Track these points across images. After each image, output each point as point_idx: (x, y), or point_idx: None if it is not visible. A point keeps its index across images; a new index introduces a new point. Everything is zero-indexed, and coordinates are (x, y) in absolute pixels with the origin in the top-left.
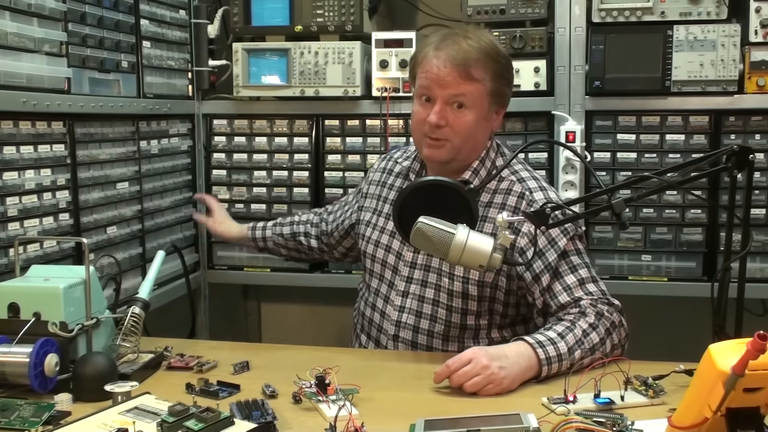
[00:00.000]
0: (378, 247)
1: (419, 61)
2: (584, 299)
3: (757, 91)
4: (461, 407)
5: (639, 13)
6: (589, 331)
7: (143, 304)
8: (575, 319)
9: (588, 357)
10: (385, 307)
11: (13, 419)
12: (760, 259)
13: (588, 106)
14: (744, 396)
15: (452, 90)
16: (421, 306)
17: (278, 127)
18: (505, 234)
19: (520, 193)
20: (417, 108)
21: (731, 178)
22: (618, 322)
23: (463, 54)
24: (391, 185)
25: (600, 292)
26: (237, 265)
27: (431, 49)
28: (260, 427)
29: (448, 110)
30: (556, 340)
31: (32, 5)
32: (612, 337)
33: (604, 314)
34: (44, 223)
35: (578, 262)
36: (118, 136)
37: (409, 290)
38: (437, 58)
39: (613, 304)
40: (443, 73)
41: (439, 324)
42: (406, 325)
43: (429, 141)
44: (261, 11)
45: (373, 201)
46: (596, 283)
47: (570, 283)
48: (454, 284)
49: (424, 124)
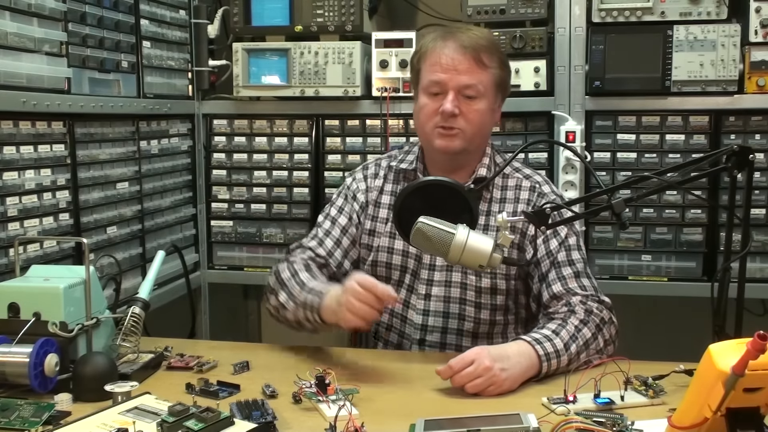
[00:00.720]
0: (393, 254)
1: (424, 55)
2: (574, 298)
3: (757, 91)
4: (461, 407)
5: (639, 13)
6: (580, 327)
7: (143, 304)
8: (566, 316)
9: (583, 352)
10: (407, 312)
11: (13, 419)
12: (760, 259)
13: (588, 106)
14: (744, 396)
15: (465, 78)
16: (447, 306)
17: (278, 127)
18: (505, 234)
19: (531, 186)
20: (425, 101)
21: (731, 178)
22: (608, 319)
23: (473, 41)
24: (393, 192)
25: (592, 288)
26: (237, 265)
27: (436, 42)
28: (260, 427)
29: (461, 100)
30: (552, 337)
31: (32, 5)
32: (603, 333)
33: (593, 311)
34: (44, 223)
35: (577, 257)
36: (118, 136)
37: (432, 292)
38: (447, 48)
39: (603, 302)
40: (457, 61)
41: (468, 322)
42: (433, 328)
43: (441, 131)
44: (261, 11)
45: (378, 209)
46: (590, 279)
47: (566, 274)
48: (482, 280)
49: (436, 115)
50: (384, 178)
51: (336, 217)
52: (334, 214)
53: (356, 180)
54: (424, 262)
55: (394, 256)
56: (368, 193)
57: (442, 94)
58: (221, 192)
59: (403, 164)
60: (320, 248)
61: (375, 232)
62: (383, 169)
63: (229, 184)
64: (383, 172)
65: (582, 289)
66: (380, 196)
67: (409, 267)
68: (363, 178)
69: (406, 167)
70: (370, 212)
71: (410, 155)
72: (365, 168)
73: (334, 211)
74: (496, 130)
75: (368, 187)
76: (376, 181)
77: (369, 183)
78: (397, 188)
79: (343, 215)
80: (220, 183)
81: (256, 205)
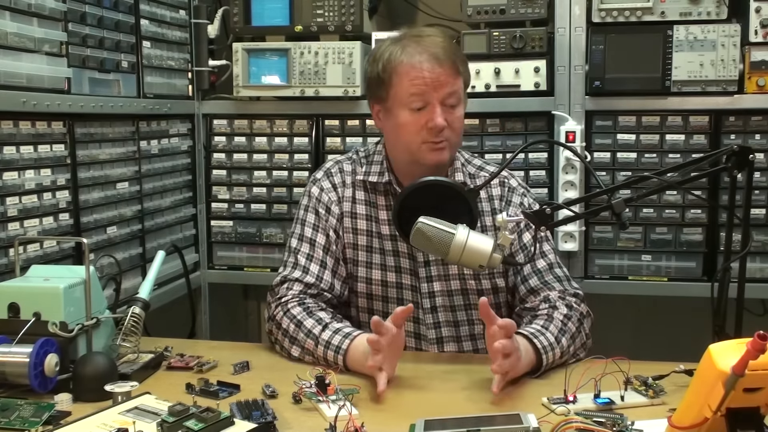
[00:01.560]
0: (387, 271)
1: (397, 69)
2: (552, 293)
3: (757, 91)
4: (461, 407)
5: (639, 13)
6: (565, 321)
7: (143, 304)
8: (550, 312)
9: (572, 345)
10: (419, 329)
11: (13, 419)
12: (760, 259)
13: (588, 106)
14: (744, 396)
15: (448, 88)
16: (455, 315)
17: (278, 127)
18: (504, 234)
19: (500, 182)
20: (407, 119)
21: (731, 178)
22: (586, 313)
23: (443, 50)
24: (368, 201)
25: (565, 278)
26: (237, 265)
27: (408, 55)
28: (260, 427)
29: (445, 110)
30: (543, 331)
31: (32, 5)
32: (584, 327)
33: (573, 306)
34: (44, 223)
35: (548, 248)
36: (118, 136)
37: (437, 304)
38: (424, 61)
39: (578, 294)
40: (436, 74)
41: (478, 325)
42: (447, 338)
43: (433, 146)
44: (261, 11)
45: (355, 221)
46: (561, 268)
47: (540, 267)
48: (482, 283)
49: (422, 130)
50: (353, 186)
51: (313, 237)
52: (310, 234)
53: (325, 191)
54: (421, 275)
55: (389, 273)
56: (342, 203)
57: (424, 107)
58: (221, 192)
59: (372, 177)
60: (307, 277)
61: (357, 245)
62: (348, 175)
63: (229, 184)
64: (350, 179)
65: (557, 281)
66: (354, 206)
67: (404, 283)
68: (332, 188)
69: (377, 180)
70: (348, 224)
71: (375, 165)
72: (329, 175)
73: (309, 230)
74: (496, 130)
75: (340, 198)
76: (346, 190)
77: (339, 193)
78: (369, 198)
79: (320, 233)
80: (220, 183)
81: (256, 205)
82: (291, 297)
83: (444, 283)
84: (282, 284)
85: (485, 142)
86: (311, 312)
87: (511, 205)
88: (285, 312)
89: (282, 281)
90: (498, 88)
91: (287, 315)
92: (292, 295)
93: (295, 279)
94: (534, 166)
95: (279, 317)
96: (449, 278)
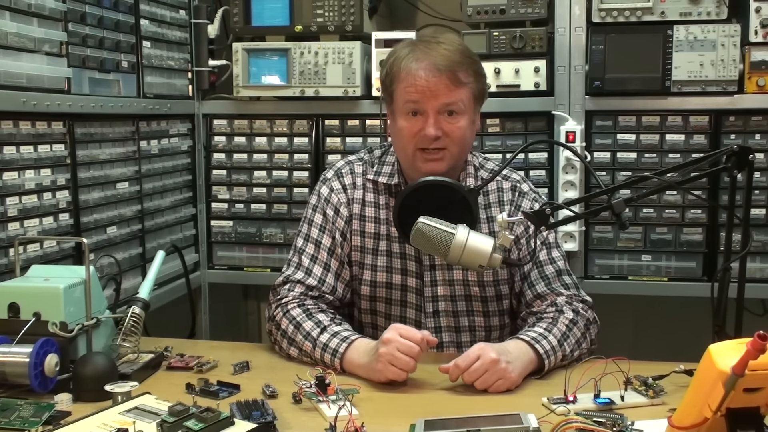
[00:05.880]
0: (393, 273)
1: (397, 77)
2: (559, 298)
3: (757, 91)
4: (461, 407)
5: (639, 13)
6: (571, 326)
7: (143, 304)
8: (556, 316)
9: (576, 350)
10: None
11: (13, 419)
12: (760, 259)
13: (588, 106)
14: (744, 396)
15: (444, 99)
16: (457, 320)
17: (278, 127)
18: (505, 234)
19: (511, 186)
20: (403, 124)
21: (731, 178)
22: (592, 319)
23: (447, 59)
24: (377, 203)
25: (574, 286)
26: (237, 265)
27: (408, 61)
28: (260, 427)
29: (441, 119)
30: (546, 335)
31: (32, 5)
32: (590, 332)
33: (580, 311)
34: (44, 223)
35: (557, 255)
36: (118, 136)
37: (439, 308)
38: (421, 69)
39: (586, 301)
40: (432, 83)
41: (479, 332)
42: (448, 343)
43: (427, 155)
44: (261, 11)
45: (364, 223)
46: (570, 276)
47: (548, 273)
48: (486, 290)
49: (416, 138)
50: (363, 188)
51: (319, 239)
52: (316, 235)
53: (335, 191)
54: (426, 279)
55: (394, 276)
56: (351, 205)
57: (420, 114)
58: (221, 192)
59: (382, 177)
60: (309, 278)
61: (364, 248)
62: (359, 176)
63: (229, 184)
64: (360, 181)
65: (565, 288)
66: (363, 208)
67: (410, 285)
68: (342, 189)
69: (387, 181)
70: (356, 227)
71: (386, 166)
72: (339, 175)
73: (315, 231)
74: (496, 130)
75: (350, 200)
76: (356, 192)
77: (350, 195)
78: (379, 200)
79: (326, 234)
80: (220, 183)
81: (256, 205)
82: (291, 298)
83: (448, 288)
84: (284, 285)
85: (485, 142)
86: (311, 314)
87: (520, 210)
88: (285, 313)
89: (284, 281)
90: (498, 88)
91: (287, 316)
92: (292, 297)
93: (297, 280)
94: (534, 166)
95: (279, 318)
96: (453, 283)
